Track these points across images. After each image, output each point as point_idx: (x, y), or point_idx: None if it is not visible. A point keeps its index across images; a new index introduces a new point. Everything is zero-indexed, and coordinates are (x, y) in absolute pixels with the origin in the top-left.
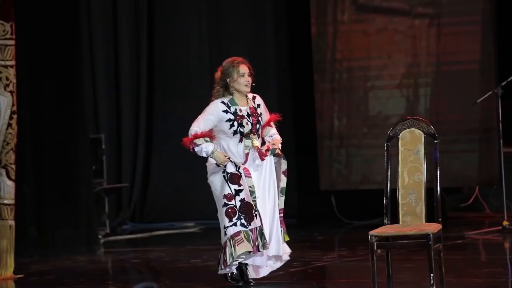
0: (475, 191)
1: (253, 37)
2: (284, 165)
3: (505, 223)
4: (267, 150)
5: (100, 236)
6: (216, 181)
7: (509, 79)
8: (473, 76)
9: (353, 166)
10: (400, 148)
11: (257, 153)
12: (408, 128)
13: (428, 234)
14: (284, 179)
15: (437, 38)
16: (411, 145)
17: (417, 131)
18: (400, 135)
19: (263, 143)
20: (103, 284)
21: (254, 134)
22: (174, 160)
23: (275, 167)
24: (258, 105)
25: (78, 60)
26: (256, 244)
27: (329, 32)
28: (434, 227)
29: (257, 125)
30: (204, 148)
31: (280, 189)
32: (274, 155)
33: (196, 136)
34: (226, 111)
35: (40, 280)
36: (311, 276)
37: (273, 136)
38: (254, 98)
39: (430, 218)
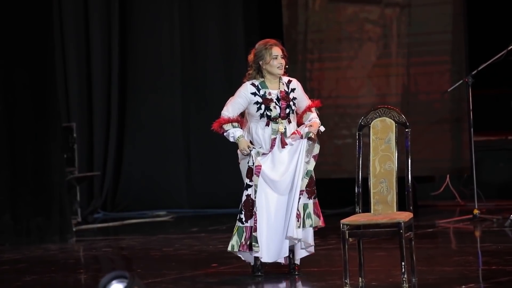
0: (446, 179)
1: (224, 27)
2: (316, 149)
3: (476, 211)
4: (294, 135)
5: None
6: (243, 169)
7: (479, 68)
8: (444, 65)
9: (325, 155)
10: (372, 137)
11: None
12: (380, 117)
13: (400, 223)
14: (313, 163)
15: (408, 27)
16: (383, 134)
17: (388, 120)
18: (372, 124)
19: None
20: (74, 272)
21: (283, 119)
22: (146, 149)
23: (307, 149)
24: (293, 89)
25: (50, 49)
26: (248, 243)
27: (301, 21)
28: (405, 216)
29: (287, 110)
30: (231, 133)
31: (306, 171)
32: (308, 138)
33: (224, 121)
34: (254, 94)
35: (11, 269)
36: (283, 265)
37: (312, 120)
38: (289, 82)
39: (401, 206)
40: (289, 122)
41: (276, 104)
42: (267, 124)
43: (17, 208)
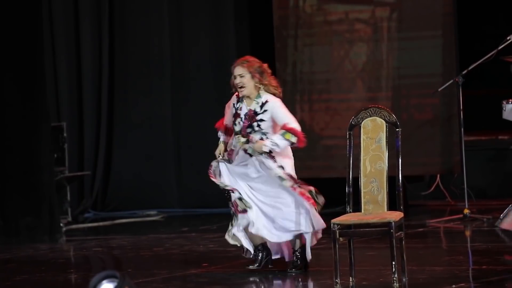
0: (436, 179)
1: (214, 27)
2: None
3: (466, 211)
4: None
5: (61, 225)
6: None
7: (470, 68)
8: (434, 65)
9: (315, 155)
10: (362, 137)
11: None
12: (370, 117)
13: (390, 222)
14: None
15: (398, 26)
16: (373, 133)
17: (379, 119)
18: (362, 123)
19: None
20: (65, 272)
21: (243, 137)
22: (136, 148)
23: (263, 161)
24: (265, 111)
25: (39, 49)
26: (240, 209)
27: (291, 20)
28: (395, 215)
29: (248, 129)
30: (219, 135)
31: (278, 177)
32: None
33: (219, 125)
34: (234, 105)
35: (1, 269)
36: (274, 264)
37: (269, 138)
38: (265, 102)
39: (392, 206)
40: (247, 141)
41: (240, 120)
42: (236, 135)
43: (6, 208)
